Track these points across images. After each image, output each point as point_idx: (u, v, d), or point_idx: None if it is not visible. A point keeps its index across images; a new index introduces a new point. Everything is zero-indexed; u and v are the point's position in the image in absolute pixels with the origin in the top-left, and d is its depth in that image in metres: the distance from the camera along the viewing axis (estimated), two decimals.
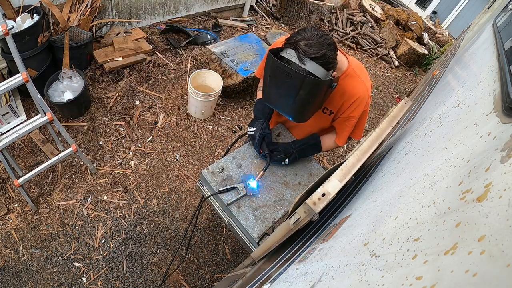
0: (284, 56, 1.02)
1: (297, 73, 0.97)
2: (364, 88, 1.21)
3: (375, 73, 4.59)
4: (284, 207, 1.30)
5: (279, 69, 1.00)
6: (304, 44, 0.98)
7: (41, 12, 2.30)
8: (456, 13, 6.91)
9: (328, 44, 1.00)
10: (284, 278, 0.85)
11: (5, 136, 1.75)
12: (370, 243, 0.61)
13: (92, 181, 2.28)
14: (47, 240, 1.99)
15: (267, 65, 1.05)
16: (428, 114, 1.26)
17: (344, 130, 1.34)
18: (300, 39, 0.99)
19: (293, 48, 0.99)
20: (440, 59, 4.21)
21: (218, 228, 2.30)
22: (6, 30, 1.44)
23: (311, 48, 0.97)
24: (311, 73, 0.98)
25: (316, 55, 0.98)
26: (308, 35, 0.99)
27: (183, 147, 2.68)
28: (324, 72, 1.01)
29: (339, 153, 3.20)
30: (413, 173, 0.77)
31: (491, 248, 0.33)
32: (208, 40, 3.61)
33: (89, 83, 2.77)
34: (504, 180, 0.40)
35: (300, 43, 0.98)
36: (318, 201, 0.79)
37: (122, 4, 3.04)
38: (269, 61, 1.03)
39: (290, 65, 0.99)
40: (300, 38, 0.99)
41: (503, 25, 1.36)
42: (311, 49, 0.97)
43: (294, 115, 1.16)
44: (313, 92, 1.03)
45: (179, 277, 2.02)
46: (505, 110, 0.60)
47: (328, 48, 1.00)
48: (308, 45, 0.98)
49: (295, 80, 0.99)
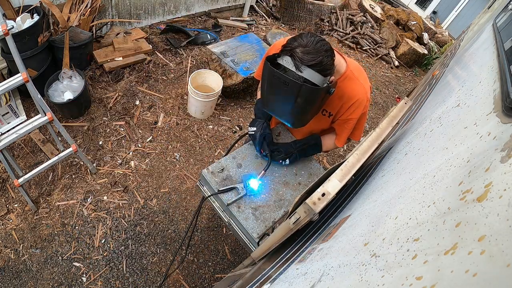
0: (280, 63, 1.01)
1: (294, 81, 0.97)
2: (363, 90, 1.21)
3: (375, 73, 4.59)
4: (284, 207, 1.30)
5: (276, 78, 1.00)
6: (301, 51, 0.97)
7: (41, 12, 2.30)
8: (456, 13, 6.91)
9: (325, 51, 1.00)
10: (284, 278, 0.85)
11: (5, 136, 1.75)
12: (370, 243, 0.61)
13: (92, 181, 2.28)
14: (47, 240, 1.99)
15: (264, 72, 1.05)
16: (428, 114, 1.26)
17: (343, 132, 1.34)
18: (297, 46, 0.98)
19: (290, 55, 0.99)
20: (440, 59, 4.21)
21: (218, 228, 2.30)
22: (6, 30, 1.44)
23: (307, 55, 0.97)
24: (308, 80, 0.98)
25: (313, 62, 0.97)
26: (304, 41, 0.99)
27: (183, 147, 2.68)
28: (322, 79, 1.00)
29: (339, 153, 3.20)
30: (413, 173, 0.77)
31: (491, 248, 0.33)
32: (208, 40, 3.61)
33: (89, 83, 2.77)
34: (504, 180, 0.40)
35: (296, 50, 0.98)
36: (318, 201, 0.79)
37: (122, 4, 3.04)
38: (266, 69, 1.03)
39: (287, 72, 0.99)
40: (296, 45, 0.99)
41: (503, 25, 1.36)
42: (307, 56, 0.97)
43: (292, 122, 1.17)
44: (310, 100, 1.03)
45: (179, 277, 2.02)
46: (505, 110, 0.60)
47: (325, 54, 0.99)
48: (305, 52, 0.97)
49: (292, 89, 0.99)
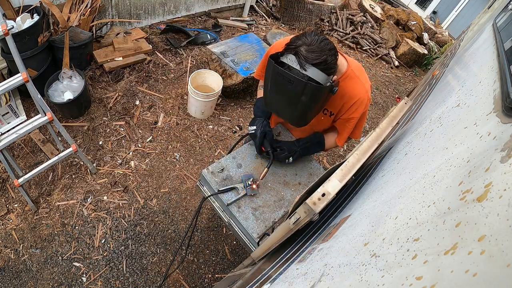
0: (284, 61, 1.01)
1: (299, 79, 0.97)
2: (364, 89, 1.21)
3: (375, 73, 4.59)
4: (284, 207, 1.30)
5: (280, 76, 1.00)
6: (305, 50, 0.97)
7: (41, 12, 2.30)
8: (456, 13, 6.91)
9: (329, 49, 1.00)
10: (284, 278, 0.85)
11: (5, 136, 1.75)
12: (370, 243, 0.61)
13: (92, 181, 2.28)
14: (47, 240, 1.99)
15: (268, 71, 1.05)
16: (428, 114, 1.26)
17: (344, 131, 1.34)
18: (301, 44, 0.98)
19: (294, 53, 0.99)
20: (440, 59, 4.21)
21: (218, 228, 2.30)
22: (6, 30, 1.43)
23: (312, 54, 0.97)
24: (312, 79, 0.98)
25: (317, 61, 0.97)
26: (308, 40, 0.99)
27: (183, 147, 2.68)
28: (325, 77, 1.01)
29: (339, 153, 3.20)
30: (413, 173, 0.77)
31: (491, 248, 0.33)
32: (208, 40, 3.61)
33: (89, 83, 2.77)
34: (504, 180, 0.40)
35: (301, 49, 0.98)
36: (318, 201, 0.79)
37: (122, 4, 3.04)
38: (269, 67, 1.02)
39: (291, 70, 0.99)
40: (300, 43, 0.99)
41: (503, 25, 1.36)
42: (312, 54, 0.97)
43: (295, 121, 1.17)
44: (314, 98, 1.03)
45: (179, 277, 2.02)
46: (505, 110, 0.60)
47: (329, 53, 0.99)
48: (309, 50, 0.97)
49: (296, 87, 0.99)
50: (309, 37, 1.00)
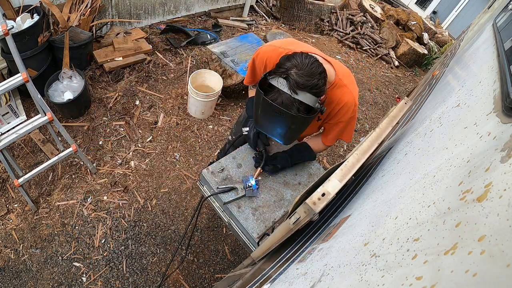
0: (274, 84, 1.01)
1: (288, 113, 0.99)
2: (351, 96, 1.24)
3: (375, 73, 4.59)
4: (284, 207, 1.30)
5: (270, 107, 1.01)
6: (296, 74, 0.98)
7: (41, 12, 2.30)
8: (456, 13, 6.91)
9: (319, 73, 1.01)
10: (284, 278, 0.85)
11: (5, 136, 1.75)
12: (370, 243, 0.61)
13: (92, 181, 2.28)
14: (47, 240, 1.99)
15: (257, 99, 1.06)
16: (428, 114, 1.26)
17: (332, 132, 1.37)
18: (291, 67, 0.99)
19: (285, 77, 0.99)
20: (440, 59, 4.21)
21: (218, 228, 2.30)
22: (6, 30, 1.43)
23: (302, 78, 0.97)
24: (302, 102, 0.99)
25: (308, 85, 0.98)
26: (299, 62, 0.99)
27: (183, 147, 2.68)
28: (315, 100, 1.02)
29: (339, 153, 3.20)
30: (413, 173, 0.77)
31: (491, 248, 0.33)
32: (208, 40, 3.61)
33: (89, 83, 2.77)
34: (504, 180, 0.40)
35: (291, 72, 0.98)
36: (318, 201, 0.79)
37: (122, 4, 3.04)
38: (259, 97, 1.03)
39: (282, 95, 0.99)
40: (291, 66, 0.99)
41: (503, 25, 1.36)
42: (302, 79, 0.97)
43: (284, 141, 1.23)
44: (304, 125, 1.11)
45: (179, 277, 2.02)
46: (505, 110, 0.60)
47: (319, 77, 1.00)
48: (300, 74, 0.98)
49: (286, 119, 1.02)
50: (299, 58, 1.00)
